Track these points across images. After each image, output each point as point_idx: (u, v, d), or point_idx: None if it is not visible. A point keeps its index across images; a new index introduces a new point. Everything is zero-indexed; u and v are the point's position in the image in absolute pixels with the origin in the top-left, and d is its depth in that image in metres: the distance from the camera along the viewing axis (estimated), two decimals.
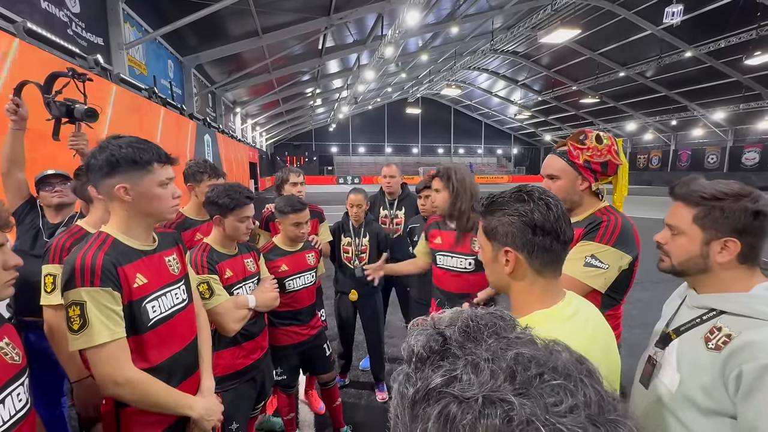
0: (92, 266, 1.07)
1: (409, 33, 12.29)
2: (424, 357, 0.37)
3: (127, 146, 1.13)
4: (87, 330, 1.05)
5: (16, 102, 1.80)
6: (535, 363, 0.34)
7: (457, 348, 0.37)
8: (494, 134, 40.37)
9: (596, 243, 1.28)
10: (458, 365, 0.34)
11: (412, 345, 0.39)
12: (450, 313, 0.43)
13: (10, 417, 0.90)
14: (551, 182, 1.41)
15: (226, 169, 12.30)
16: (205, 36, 10.13)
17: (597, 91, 22.12)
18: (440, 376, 0.34)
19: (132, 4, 7.57)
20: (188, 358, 1.34)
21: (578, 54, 19.35)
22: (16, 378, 0.95)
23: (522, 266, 0.84)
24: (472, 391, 0.32)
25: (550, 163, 1.42)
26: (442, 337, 0.38)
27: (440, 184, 2.01)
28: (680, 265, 0.98)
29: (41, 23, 4.89)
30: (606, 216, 1.34)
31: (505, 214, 0.85)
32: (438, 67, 22.60)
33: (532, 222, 0.82)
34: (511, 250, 0.84)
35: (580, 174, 1.37)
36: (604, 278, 1.25)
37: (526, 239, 0.82)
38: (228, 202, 1.67)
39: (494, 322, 0.40)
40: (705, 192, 0.91)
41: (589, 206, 1.40)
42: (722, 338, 0.86)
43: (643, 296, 4.69)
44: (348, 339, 2.93)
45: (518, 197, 0.85)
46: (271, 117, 23.02)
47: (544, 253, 0.83)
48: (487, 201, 0.90)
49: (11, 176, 1.93)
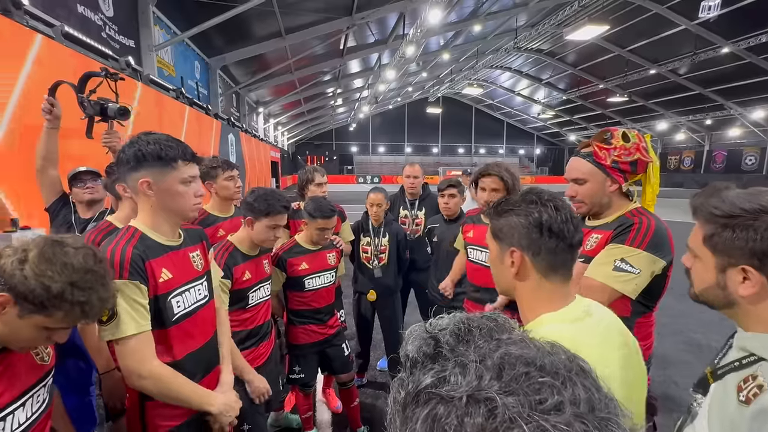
0: (121, 259, 1.10)
1: (431, 32, 12.18)
2: (417, 361, 0.38)
3: (155, 142, 1.16)
4: (115, 321, 1.08)
5: (51, 101, 1.87)
6: (522, 361, 0.34)
7: (448, 351, 0.37)
8: (516, 134, 39.60)
9: (627, 246, 1.21)
10: (447, 367, 0.35)
11: (407, 350, 0.39)
12: (447, 318, 0.43)
13: (26, 419, 0.92)
14: (578, 186, 1.35)
15: (248, 168, 12.54)
16: (231, 37, 10.35)
17: (625, 89, 21.32)
18: (430, 378, 0.34)
19: (161, 7, 7.82)
20: (209, 353, 1.36)
21: (606, 51, 18.70)
22: (41, 380, 0.97)
23: (527, 267, 0.82)
24: (458, 391, 0.32)
25: (575, 165, 1.36)
26: (435, 341, 0.39)
27: (498, 184, 1.90)
28: (701, 296, 0.84)
29: (77, 27, 5.11)
30: (638, 218, 1.27)
31: (514, 215, 0.84)
32: (459, 66, 22.34)
33: (539, 222, 0.80)
34: (516, 250, 0.83)
35: (609, 175, 1.30)
36: (635, 283, 1.18)
37: (531, 239, 0.81)
38: (263, 207, 1.67)
39: (487, 324, 0.40)
40: (717, 208, 0.76)
41: (618, 208, 1.34)
42: (753, 389, 0.68)
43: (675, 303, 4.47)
44: (366, 339, 2.93)
45: (528, 198, 0.84)
46: (292, 117, 23.35)
47: (550, 254, 0.80)
48: (496, 203, 0.91)
49: (45, 173, 2.01)
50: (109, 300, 0.95)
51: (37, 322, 0.86)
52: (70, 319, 0.88)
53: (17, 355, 0.92)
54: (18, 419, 0.90)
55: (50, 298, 0.83)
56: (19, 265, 0.82)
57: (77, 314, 0.88)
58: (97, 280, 0.89)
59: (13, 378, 0.90)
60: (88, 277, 0.87)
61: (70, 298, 0.85)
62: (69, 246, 0.88)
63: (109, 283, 0.94)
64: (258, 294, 1.78)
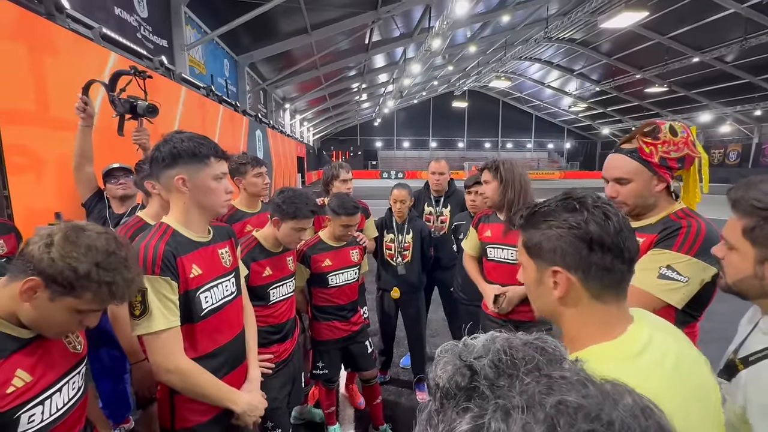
0: (154, 255, 1.12)
1: (458, 24, 11.93)
2: (448, 393, 0.33)
3: (189, 140, 1.18)
4: (147, 316, 1.10)
5: (85, 100, 1.93)
6: (584, 415, 0.28)
7: (487, 387, 0.31)
8: (545, 127, 38.36)
9: (674, 252, 1.11)
10: (487, 409, 0.30)
11: (438, 377, 0.34)
12: (483, 339, 0.37)
13: (63, 404, 0.96)
14: (620, 186, 1.23)
15: (275, 164, 12.76)
16: (258, 35, 10.53)
17: (665, 79, 20.13)
18: (465, 423, 0.29)
19: (192, 7, 8.04)
20: (236, 349, 1.37)
21: (644, 39, 17.70)
22: (75, 367, 1.01)
23: (575, 290, 0.68)
24: None
25: (617, 164, 1.24)
26: (471, 372, 0.33)
27: (489, 176, 1.97)
28: (735, 286, 0.86)
29: (114, 28, 5.33)
30: (685, 220, 1.16)
31: (552, 227, 0.69)
32: (486, 58, 21.80)
33: (588, 236, 0.66)
34: (561, 271, 0.68)
35: (655, 173, 1.18)
36: (682, 293, 1.09)
37: (580, 257, 0.67)
38: (291, 210, 1.67)
39: (533, 356, 0.34)
40: (759, 201, 0.77)
41: (662, 209, 1.23)
42: None
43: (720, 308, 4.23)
44: (389, 336, 2.91)
45: (567, 205, 0.69)
46: (318, 112, 23.59)
47: (603, 273, 0.66)
48: (528, 211, 0.75)
49: (81, 170, 2.10)
50: (135, 281, 0.96)
51: (68, 305, 0.88)
52: (99, 300, 0.91)
53: (52, 342, 0.95)
54: (56, 404, 0.94)
55: (78, 279, 0.86)
56: (46, 249, 0.85)
57: (105, 295, 0.90)
58: (120, 262, 0.92)
59: (50, 364, 0.93)
60: (111, 259, 0.90)
61: (96, 278, 0.87)
62: (91, 231, 0.91)
63: (133, 265, 0.96)
64: (280, 291, 1.78)
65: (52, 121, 3.08)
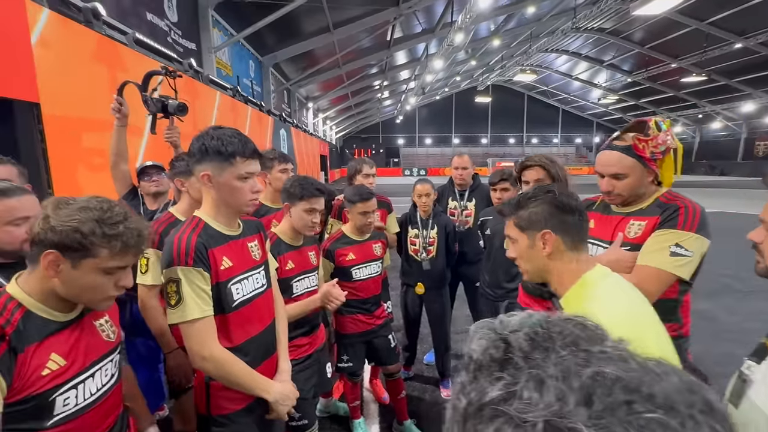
0: (187, 247, 1.16)
1: (481, 17, 11.70)
2: (482, 365, 0.32)
3: (218, 138, 1.20)
4: (182, 306, 1.14)
5: (119, 101, 2.02)
6: (622, 387, 0.26)
7: (521, 358, 0.31)
8: (573, 121, 37.13)
9: (678, 230, 1.24)
10: (520, 378, 0.29)
11: (471, 350, 0.34)
12: (520, 315, 0.36)
13: (97, 390, 1.00)
14: (616, 181, 1.33)
15: (298, 162, 12.99)
16: (282, 35, 10.71)
17: (703, 67, 19.05)
18: (497, 390, 0.29)
19: (219, 10, 8.26)
20: (267, 340, 1.40)
21: (680, 26, 16.75)
22: (107, 355, 1.05)
23: (558, 245, 0.96)
24: (533, 413, 0.26)
25: (614, 161, 1.33)
26: (505, 344, 0.33)
27: (542, 173, 1.84)
28: None
29: (147, 33, 5.54)
30: (679, 201, 1.30)
31: (538, 204, 0.98)
32: (511, 51, 21.30)
33: (562, 203, 0.96)
34: (548, 232, 0.95)
35: (647, 167, 1.31)
36: (690, 266, 1.22)
37: (559, 220, 0.96)
38: (298, 191, 1.71)
39: (571, 330, 0.32)
40: None
41: (650, 194, 1.36)
42: None
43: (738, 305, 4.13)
44: (413, 332, 2.89)
45: (543, 188, 1.01)
46: (340, 111, 23.78)
47: (574, 228, 0.96)
48: (515, 200, 1.03)
49: (118, 168, 2.19)
50: (144, 231, 0.98)
51: (91, 267, 0.91)
52: (116, 255, 0.93)
53: (86, 328, 1.00)
54: (89, 389, 0.98)
55: (86, 237, 0.88)
56: (45, 223, 0.88)
57: (119, 247, 0.92)
58: (120, 215, 0.93)
59: (83, 350, 0.98)
60: (109, 213, 0.92)
61: (101, 233, 0.89)
62: (78, 198, 0.94)
63: (135, 217, 0.97)
64: (303, 284, 1.80)
65: (93, 122, 3.24)
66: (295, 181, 1.75)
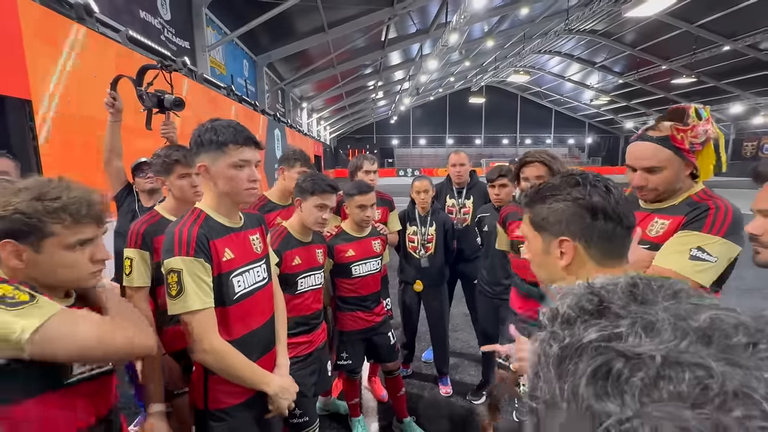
0: (188, 237, 1.15)
1: (475, 18, 11.76)
2: (571, 318, 0.30)
3: (213, 128, 1.19)
4: (183, 296, 1.13)
5: (113, 95, 1.97)
6: (744, 330, 0.25)
7: (620, 308, 0.29)
8: (566, 122, 37.42)
9: (703, 234, 1.13)
10: (621, 324, 0.27)
11: (557, 307, 0.32)
12: (605, 276, 0.34)
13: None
14: (650, 175, 1.21)
15: None
16: (276, 34, 10.65)
17: (693, 69, 19.29)
18: (597, 332, 0.27)
19: (212, 8, 8.19)
20: (266, 335, 1.39)
21: (671, 28, 16.99)
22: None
23: (580, 257, 0.74)
24: (646, 347, 0.24)
25: (648, 153, 1.20)
26: (598, 297, 0.31)
27: (543, 170, 1.83)
28: None
29: (140, 30, 5.48)
30: (711, 201, 1.18)
31: (558, 200, 0.75)
32: (504, 52, 21.41)
33: (591, 205, 0.73)
34: (567, 240, 0.75)
35: (686, 159, 1.18)
36: (712, 273, 1.11)
37: (584, 225, 0.73)
38: (309, 186, 1.71)
39: (672, 285, 0.31)
40: None
41: (685, 190, 1.24)
42: None
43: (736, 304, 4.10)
44: (411, 329, 2.89)
45: (571, 181, 0.76)
46: (334, 111, 23.71)
47: (605, 240, 0.73)
48: (533, 190, 0.82)
49: (111, 164, 2.15)
50: (95, 198, 0.94)
51: (53, 246, 0.88)
52: (72, 227, 0.89)
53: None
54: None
55: (30, 217, 0.85)
56: None
57: (71, 219, 0.89)
58: (58, 188, 0.89)
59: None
60: (47, 188, 0.88)
61: (43, 209, 0.86)
62: (14, 182, 0.91)
63: (79, 186, 0.94)
64: (308, 281, 1.79)
65: (85, 119, 3.20)
66: (308, 176, 1.76)
